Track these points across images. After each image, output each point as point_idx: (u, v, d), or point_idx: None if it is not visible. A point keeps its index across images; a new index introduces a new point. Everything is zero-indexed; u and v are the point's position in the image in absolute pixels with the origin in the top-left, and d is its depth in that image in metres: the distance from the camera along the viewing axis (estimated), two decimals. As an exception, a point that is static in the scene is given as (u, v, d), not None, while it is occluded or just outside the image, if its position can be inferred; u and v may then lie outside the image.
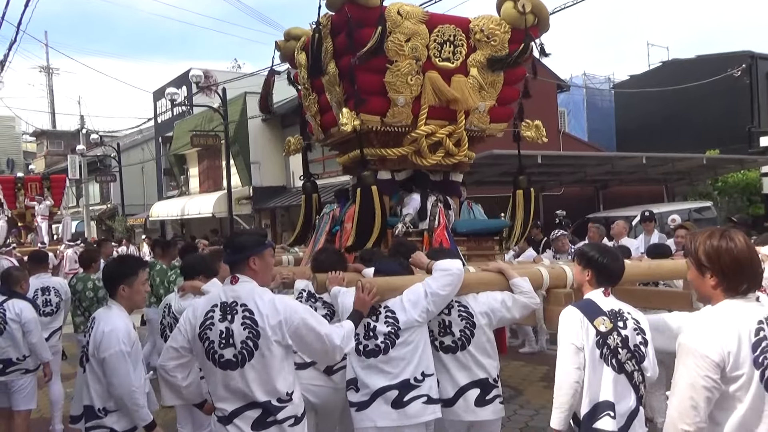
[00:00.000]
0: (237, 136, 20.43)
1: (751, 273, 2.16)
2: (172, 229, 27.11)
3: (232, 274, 2.92)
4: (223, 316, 2.82)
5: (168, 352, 2.94)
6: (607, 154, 18.93)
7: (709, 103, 21.82)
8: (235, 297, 2.84)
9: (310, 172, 6.46)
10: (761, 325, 2.11)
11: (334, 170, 18.02)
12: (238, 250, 2.92)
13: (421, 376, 3.24)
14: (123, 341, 3.19)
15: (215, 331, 2.80)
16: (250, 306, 2.81)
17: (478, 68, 5.19)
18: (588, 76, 28.52)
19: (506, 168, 13.62)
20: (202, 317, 2.85)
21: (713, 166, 17.70)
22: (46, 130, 41.93)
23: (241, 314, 2.80)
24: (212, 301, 2.91)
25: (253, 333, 2.78)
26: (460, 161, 5.48)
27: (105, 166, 30.01)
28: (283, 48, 5.95)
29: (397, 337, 3.24)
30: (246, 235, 3.06)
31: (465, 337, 3.40)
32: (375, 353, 3.26)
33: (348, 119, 4.81)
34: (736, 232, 2.21)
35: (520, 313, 3.54)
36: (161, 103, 26.72)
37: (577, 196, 18.55)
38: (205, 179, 24.59)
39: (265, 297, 2.86)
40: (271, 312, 2.80)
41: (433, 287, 3.27)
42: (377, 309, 3.33)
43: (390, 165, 5.39)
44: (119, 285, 3.33)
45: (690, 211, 14.40)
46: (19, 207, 15.98)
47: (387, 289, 3.36)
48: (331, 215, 5.73)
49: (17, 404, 5.00)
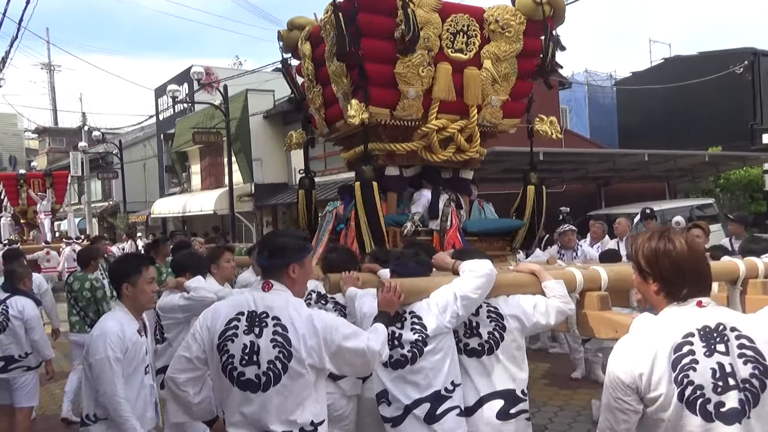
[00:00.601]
0: (238, 133, 20.42)
1: (693, 277, 1.96)
2: (174, 226, 27.14)
3: (264, 279, 2.56)
4: (249, 328, 2.44)
5: (179, 362, 2.58)
6: (609, 151, 18.92)
7: (712, 100, 21.78)
8: (267, 307, 2.47)
9: (309, 168, 6.25)
10: (688, 338, 1.88)
11: (336, 167, 18.03)
12: (277, 254, 2.55)
13: (451, 386, 2.97)
14: (111, 346, 3.03)
15: (238, 344, 2.43)
16: (283, 320, 2.44)
17: (492, 60, 4.99)
18: (590, 73, 28.48)
19: (508, 165, 13.61)
20: (224, 325, 2.47)
21: (715, 163, 17.67)
22: (48, 127, 41.94)
23: (271, 328, 2.43)
24: (237, 307, 2.52)
25: (284, 353, 2.41)
26: (471, 158, 5.28)
27: (107, 163, 30.02)
28: (286, 38, 5.73)
29: (425, 345, 2.94)
30: (287, 237, 2.65)
31: (493, 339, 3.09)
32: (402, 364, 2.98)
33: (356, 111, 4.60)
34: (678, 233, 2.04)
35: (556, 319, 3.21)
36: (163, 100, 26.71)
37: (579, 193, 18.51)
38: (206, 176, 24.60)
39: (303, 312, 2.49)
40: (308, 330, 2.43)
41: (463, 290, 2.98)
42: (402, 315, 3.03)
43: (399, 160, 5.20)
44: (122, 284, 3.20)
45: (692, 208, 14.39)
46: (21, 204, 15.98)
47: (411, 291, 3.06)
48: (335, 213, 5.56)
49: (19, 401, 5.02)
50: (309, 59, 5.41)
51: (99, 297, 6.19)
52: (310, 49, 5.35)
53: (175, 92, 19.45)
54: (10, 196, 15.96)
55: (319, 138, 6.15)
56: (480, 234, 5.22)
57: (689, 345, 1.88)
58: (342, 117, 5.17)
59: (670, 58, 26.66)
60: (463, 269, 3.09)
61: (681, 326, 1.92)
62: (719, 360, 1.86)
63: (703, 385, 1.85)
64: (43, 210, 15.15)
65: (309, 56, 5.39)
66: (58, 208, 16.37)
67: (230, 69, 26.78)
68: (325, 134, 5.81)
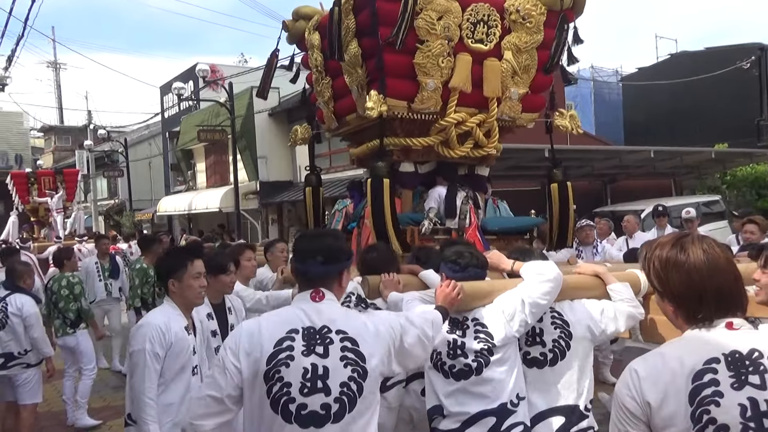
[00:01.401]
0: (244, 130, 20.45)
1: (713, 296, 1.59)
2: (180, 224, 27.20)
3: (314, 288, 2.18)
4: (308, 348, 2.03)
5: (204, 405, 2.08)
6: (614, 147, 18.87)
7: (718, 95, 21.68)
8: (327, 321, 2.10)
9: (315, 164, 6.02)
10: (712, 365, 1.52)
11: (341, 165, 18.03)
12: (333, 260, 2.19)
13: (516, 400, 2.69)
14: (150, 339, 2.85)
15: (295, 369, 2.01)
16: (351, 333, 2.09)
17: (513, 51, 4.82)
18: (596, 69, 28.38)
19: (513, 162, 13.59)
20: (272, 347, 2.03)
21: (722, 160, 17.61)
22: (54, 125, 42.03)
23: (338, 345, 2.06)
24: (287, 323, 2.10)
25: (359, 371, 2.05)
26: (488, 153, 5.09)
27: (112, 162, 30.09)
28: (291, 28, 5.48)
29: (491, 354, 2.68)
30: (337, 239, 2.29)
31: (558, 348, 2.80)
32: (465, 374, 2.69)
33: (375, 103, 4.39)
34: (698, 238, 1.68)
35: (626, 325, 2.91)
36: (168, 98, 26.75)
37: (584, 191, 18.45)
38: (212, 174, 24.63)
39: (359, 319, 2.21)
40: (373, 338, 2.12)
41: (532, 295, 2.70)
42: (463, 322, 2.77)
43: (414, 156, 4.98)
44: (168, 280, 3.06)
45: (698, 204, 14.27)
46: (32, 202, 16.02)
47: (473, 295, 2.76)
48: (344, 212, 5.43)
49: (22, 398, 5.04)
50: (318, 50, 5.21)
51: (77, 293, 6.16)
52: (319, 40, 5.16)
53: (181, 90, 19.49)
54: (20, 194, 16.01)
55: (326, 133, 5.95)
56: (499, 233, 5.05)
57: (712, 373, 1.52)
58: (353, 110, 5.04)
59: (676, 53, 26.56)
60: (526, 272, 2.83)
61: (703, 350, 1.56)
62: (752, 395, 1.50)
63: (728, 425, 1.49)
64: (55, 207, 15.20)
65: (318, 47, 5.19)
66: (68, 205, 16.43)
67: (235, 66, 26.76)
68: (333, 129, 5.60)
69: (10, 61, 14.96)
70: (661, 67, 26.05)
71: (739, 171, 18.83)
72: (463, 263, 2.87)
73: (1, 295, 5.03)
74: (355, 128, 5.32)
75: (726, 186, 18.73)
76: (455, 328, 2.76)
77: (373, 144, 4.95)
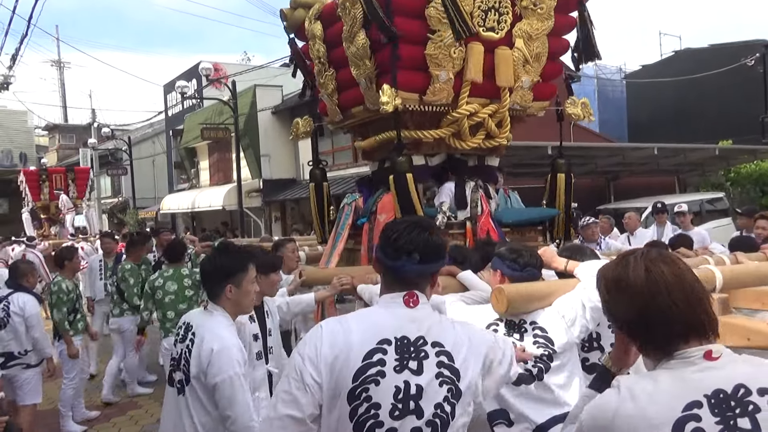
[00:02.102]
0: (247, 128, 20.48)
1: (661, 320, 1.38)
2: (183, 222, 27.26)
3: (408, 290, 1.85)
4: (401, 363, 1.73)
5: (283, 427, 1.72)
6: (618, 145, 18.82)
7: (722, 93, 21.62)
8: (423, 330, 1.79)
9: (319, 158, 5.76)
10: (693, 411, 1.30)
11: (344, 162, 18.04)
12: (433, 256, 1.87)
13: None
14: (238, 362, 2.50)
15: (386, 388, 1.70)
16: (446, 346, 1.79)
17: (524, 39, 4.70)
18: (599, 67, 28.28)
19: (516, 160, 13.58)
20: (361, 360, 1.72)
21: (726, 157, 17.55)
22: (58, 124, 42.17)
23: (434, 359, 1.75)
24: (378, 331, 1.77)
25: (453, 391, 1.75)
26: (499, 144, 4.99)
27: (116, 160, 30.17)
28: (290, 17, 5.27)
29: (551, 360, 2.54)
30: (437, 233, 1.94)
31: None
32: (526, 379, 2.53)
33: (389, 97, 4.26)
34: (643, 254, 1.46)
35: None
36: (172, 97, 26.81)
37: (587, 188, 18.43)
38: (215, 172, 24.68)
39: (454, 328, 1.87)
40: (468, 350, 1.81)
41: (593, 299, 2.47)
42: (521, 325, 2.61)
43: (425, 149, 4.87)
44: (226, 284, 2.62)
45: (702, 202, 14.29)
46: (43, 199, 16.06)
47: (531, 297, 2.60)
48: (353, 206, 5.23)
49: (22, 399, 5.01)
50: (320, 40, 5.03)
51: (54, 302, 5.84)
52: (322, 30, 5.00)
53: (184, 88, 19.50)
54: (32, 191, 16.06)
55: (329, 126, 5.77)
56: (514, 225, 4.95)
57: (695, 421, 1.29)
58: (359, 102, 4.91)
59: (680, 50, 26.49)
60: (582, 273, 2.64)
61: (682, 393, 1.33)
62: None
63: None
64: (66, 206, 15.27)
65: (320, 37, 5.02)
66: (79, 203, 16.50)
67: (238, 65, 26.80)
68: (337, 122, 5.41)
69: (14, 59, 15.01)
70: (665, 64, 25.99)
71: (744, 168, 18.77)
72: (522, 262, 2.75)
73: (3, 294, 5.02)
74: (359, 121, 5.19)
75: (730, 183, 18.67)
76: (512, 331, 2.61)
77: (381, 137, 4.86)
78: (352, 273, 4.05)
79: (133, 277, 6.82)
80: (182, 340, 2.62)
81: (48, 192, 15.98)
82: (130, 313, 6.73)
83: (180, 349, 2.61)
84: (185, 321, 2.69)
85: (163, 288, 5.79)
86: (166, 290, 5.78)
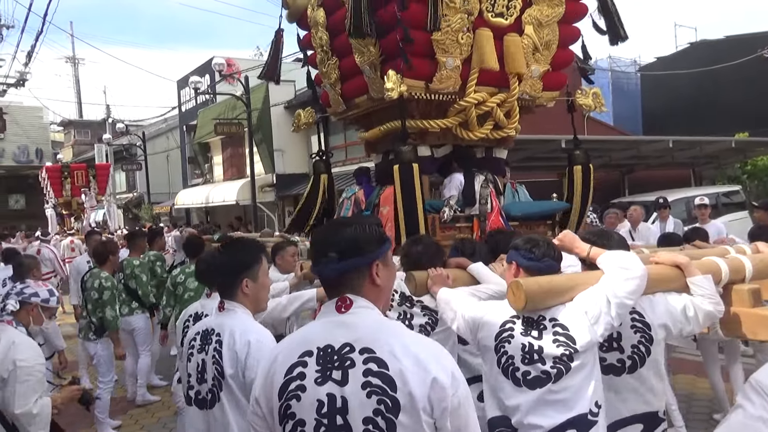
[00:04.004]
0: (260, 123, 20.54)
1: None
2: (197, 217, 27.42)
3: (339, 295, 1.71)
4: (324, 374, 1.61)
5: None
6: (632, 138, 18.69)
7: (739, 84, 21.37)
8: (352, 337, 1.65)
9: (323, 149, 5.50)
10: None
11: (357, 157, 18.04)
12: (353, 251, 1.69)
13: (596, 408, 2.34)
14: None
15: (308, 403, 1.60)
16: (379, 352, 1.64)
17: (534, 26, 4.53)
18: (613, 59, 28.07)
19: (528, 153, 13.53)
20: (283, 376, 1.66)
21: (742, 149, 17.37)
22: (73, 119, 42.51)
23: (360, 367, 1.59)
24: (303, 343, 1.68)
25: (386, 403, 1.62)
26: (507, 135, 4.81)
27: (131, 155, 30.39)
28: (291, 5, 5.09)
29: (572, 361, 2.31)
30: (364, 225, 1.76)
31: (638, 354, 2.50)
32: (542, 382, 2.33)
33: (395, 83, 4.08)
34: None
35: (704, 325, 2.61)
36: (185, 92, 26.94)
37: (602, 181, 18.23)
38: (228, 167, 24.80)
39: (401, 335, 1.71)
40: (414, 363, 1.62)
41: (618, 294, 2.33)
42: (539, 322, 2.39)
43: (431, 139, 4.69)
44: (242, 278, 2.43)
45: (718, 195, 14.14)
46: (65, 195, 16.19)
47: (551, 291, 2.40)
48: (353, 199, 5.12)
49: None
50: (323, 28, 4.84)
51: (106, 299, 5.65)
52: (324, 17, 4.81)
53: (197, 84, 19.63)
54: (54, 188, 16.20)
55: (331, 117, 5.58)
56: (523, 218, 4.78)
57: None
58: (363, 92, 4.77)
59: (696, 42, 26.21)
60: (606, 264, 2.45)
61: None
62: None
63: None
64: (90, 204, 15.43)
65: (323, 24, 4.83)
66: (101, 199, 16.69)
67: (251, 60, 26.81)
68: (340, 112, 5.22)
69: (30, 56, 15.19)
70: (680, 56, 25.74)
71: (760, 161, 18.56)
72: (538, 253, 2.53)
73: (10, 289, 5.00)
74: (364, 111, 5.02)
75: (746, 176, 18.47)
76: (530, 328, 2.38)
77: (386, 127, 4.71)
78: None
79: (145, 273, 6.48)
80: (201, 350, 2.40)
81: (70, 188, 16.10)
82: (140, 311, 6.38)
83: (200, 360, 2.39)
84: (201, 329, 2.47)
85: (184, 284, 5.61)
86: (187, 287, 5.58)
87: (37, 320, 3.26)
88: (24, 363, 2.94)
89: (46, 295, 3.31)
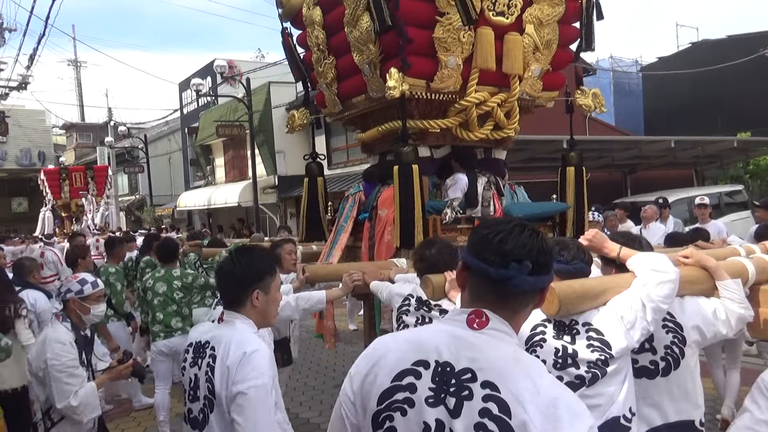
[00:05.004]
0: (261, 125, 20.57)
1: None
2: (200, 219, 27.46)
3: (477, 308, 1.46)
4: (437, 396, 1.38)
5: None
6: (634, 138, 18.67)
7: (741, 84, 21.34)
8: (475, 363, 1.40)
9: (316, 151, 5.44)
10: None
11: (359, 158, 18.05)
12: (548, 268, 1.52)
13: (629, 414, 2.25)
14: (269, 372, 2.14)
15: (413, 422, 1.38)
16: (503, 393, 1.37)
17: (535, 25, 4.51)
18: (615, 59, 28.08)
19: (529, 154, 13.53)
20: (389, 381, 1.43)
21: (744, 149, 17.35)
22: (75, 122, 42.61)
23: (479, 404, 1.36)
24: (416, 350, 1.44)
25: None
26: (507, 136, 4.77)
27: (133, 158, 30.46)
28: (286, 4, 5.00)
29: (607, 366, 2.24)
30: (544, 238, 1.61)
31: (671, 356, 2.41)
32: (575, 387, 2.22)
33: (396, 82, 4.01)
34: None
35: (737, 329, 2.54)
36: (187, 94, 27.00)
37: (604, 182, 18.29)
38: (230, 169, 24.83)
39: (530, 377, 1.40)
40: (539, 410, 1.33)
41: (653, 298, 2.25)
42: (572, 326, 2.31)
43: (431, 140, 4.66)
44: (253, 289, 2.26)
45: (721, 194, 14.13)
46: (63, 197, 16.21)
47: (583, 295, 2.30)
48: (357, 197, 5.03)
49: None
50: (319, 26, 4.78)
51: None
52: (321, 15, 4.76)
53: (199, 86, 19.65)
54: (52, 189, 16.24)
55: (326, 118, 5.51)
56: (524, 219, 4.74)
57: None
58: (361, 92, 4.70)
59: (697, 42, 26.18)
60: (638, 266, 2.38)
61: None
62: None
63: None
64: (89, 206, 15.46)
65: (319, 23, 4.77)
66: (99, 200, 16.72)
67: (253, 62, 26.90)
68: (336, 113, 5.14)
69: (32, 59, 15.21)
70: (682, 56, 25.71)
71: (762, 160, 18.54)
72: (568, 256, 2.42)
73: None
74: (362, 111, 4.95)
75: (749, 175, 18.45)
76: (562, 333, 2.31)
77: (384, 128, 4.65)
78: (362, 268, 3.77)
79: (120, 281, 6.13)
80: (193, 363, 2.25)
81: (68, 190, 16.14)
82: (116, 319, 6.01)
83: (193, 375, 2.24)
84: (197, 341, 2.30)
85: (153, 289, 5.37)
86: (155, 291, 5.36)
87: (83, 311, 3.35)
88: (53, 361, 3.06)
89: (78, 287, 3.38)
